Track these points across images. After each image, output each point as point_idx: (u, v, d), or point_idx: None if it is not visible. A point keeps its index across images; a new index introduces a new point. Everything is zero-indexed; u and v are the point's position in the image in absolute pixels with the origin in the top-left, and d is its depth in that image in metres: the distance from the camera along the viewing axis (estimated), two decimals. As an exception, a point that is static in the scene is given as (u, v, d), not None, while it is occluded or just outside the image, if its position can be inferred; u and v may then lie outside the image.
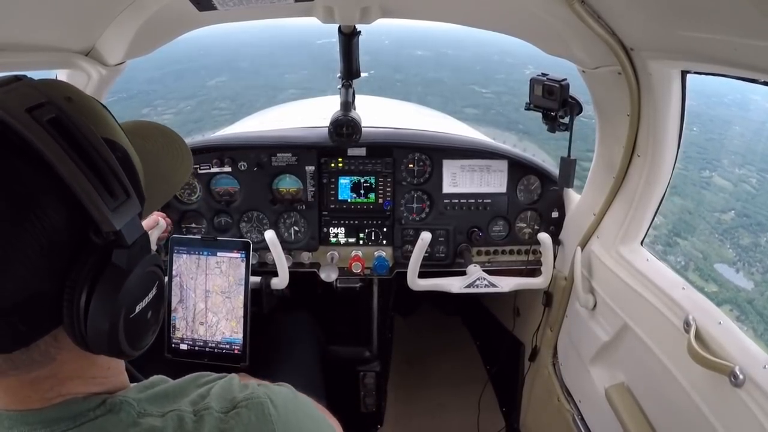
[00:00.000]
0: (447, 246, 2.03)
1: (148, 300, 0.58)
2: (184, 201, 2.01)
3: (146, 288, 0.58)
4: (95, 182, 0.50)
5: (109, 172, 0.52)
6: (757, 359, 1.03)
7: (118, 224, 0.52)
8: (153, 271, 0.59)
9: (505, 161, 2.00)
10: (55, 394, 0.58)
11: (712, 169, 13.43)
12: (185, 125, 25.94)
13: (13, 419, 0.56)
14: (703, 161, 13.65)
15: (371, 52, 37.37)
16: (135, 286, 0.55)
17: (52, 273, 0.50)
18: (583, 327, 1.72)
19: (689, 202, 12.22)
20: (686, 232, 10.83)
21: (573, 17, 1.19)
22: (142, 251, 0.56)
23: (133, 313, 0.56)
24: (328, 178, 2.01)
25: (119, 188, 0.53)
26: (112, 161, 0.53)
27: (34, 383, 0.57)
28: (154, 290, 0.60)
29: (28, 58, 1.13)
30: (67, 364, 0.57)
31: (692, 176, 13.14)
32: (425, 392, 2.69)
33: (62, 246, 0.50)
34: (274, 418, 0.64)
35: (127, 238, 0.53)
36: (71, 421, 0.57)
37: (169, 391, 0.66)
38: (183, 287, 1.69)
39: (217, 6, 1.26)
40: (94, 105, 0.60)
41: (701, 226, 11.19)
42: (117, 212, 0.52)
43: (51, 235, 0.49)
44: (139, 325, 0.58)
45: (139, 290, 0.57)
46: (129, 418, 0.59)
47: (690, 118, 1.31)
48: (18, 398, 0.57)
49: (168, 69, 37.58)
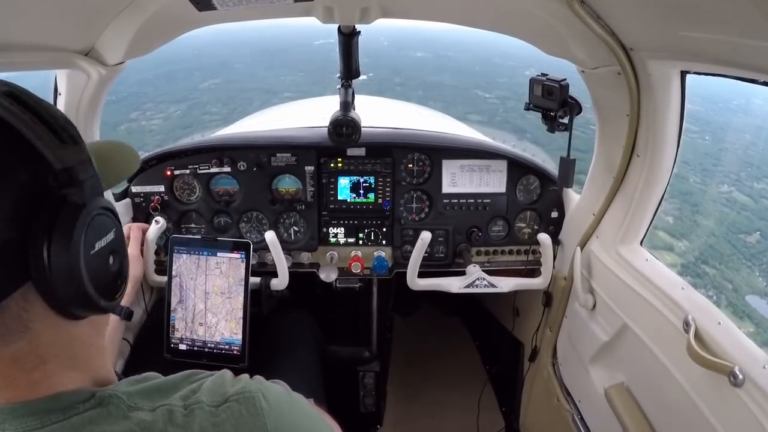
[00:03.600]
0: (446, 246, 2.03)
1: (107, 240, 0.62)
2: (183, 201, 2.01)
3: (103, 228, 0.62)
4: (45, 131, 0.56)
5: (58, 124, 0.59)
6: (757, 359, 1.03)
7: (70, 160, 0.57)
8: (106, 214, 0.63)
9: (505, 161, 2.00)
10: (41, 375, 0.58)
11: (731, 183, 13.05)
12: (173, 131, 25.55)
13: (5, 413, 0.57)
14: (720, 174, 13.30)
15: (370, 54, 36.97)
16: (90, 223, 0.59)
17: (18, 224, 0.52)
18: (582, 327, 1.72)
19: (712, 222, 11.83)
20: (713, 258, 10.34)
21: (573, 17, 1.19)
22: (94, 191, 0.61)
23: (93, 250, 0.59)
24: (328, 178, 2.00)
25: (68, 137, 0.59)
26: (61, 116, 0.60)
27: (17, 361, 0.57)
28: (112, 234, 0.63)
29: (28, 58, 1.13)
30: (42, 335, 0.58)
31: (711, 192, 12.75)
32: (425, 392, 2.68)
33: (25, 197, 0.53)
34: (266, 412, 0.64)
35: (79, 175, 0.58)
36: (61, 414, 0.57)
37: (161, 385, 0.66)
38: (183, 287, 1.69)
39: (216, 6, 1.26)
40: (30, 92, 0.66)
41: (727, 251, 10.69)
42: (66, 151, 0.58)
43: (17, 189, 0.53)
44: (101, 267, 0.61)
45: (96, 228, 0.60)
46: (119, 412, 0.59)
47: (699, 125, 1.31)
48: (4, 382, 0.57)
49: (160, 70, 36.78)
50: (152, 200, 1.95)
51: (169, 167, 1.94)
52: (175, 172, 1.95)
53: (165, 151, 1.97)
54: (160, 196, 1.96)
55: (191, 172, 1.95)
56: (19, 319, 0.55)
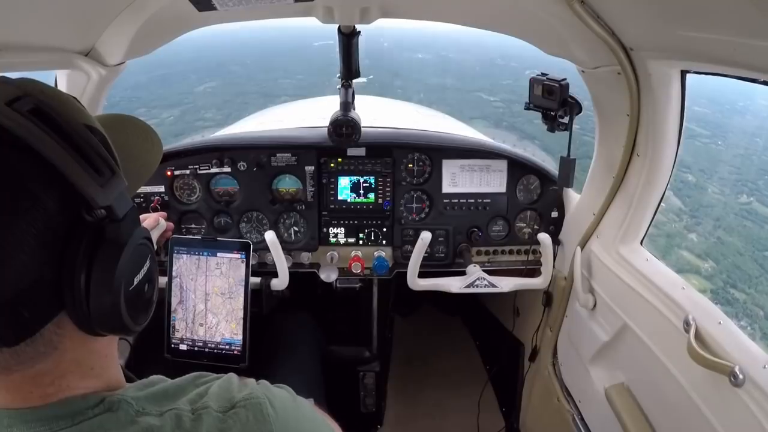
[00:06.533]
0: (447, 246, 2.03)
1: (143, 272, 0.61)
2: (183, 201, 2.01)
3: (141, 260, 0.60)
4: (81, 162, 0.52)
5: (93, 153, 0.54)
6: (757, 359, 1.03)
7: (108, 199, 0.54)
8: (144, 243, 0.61)
9: (505, 161, 2.00)
10: (55, 389, 0.58)
11: (749, 193, 12.74)
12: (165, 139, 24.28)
13: (13, 417, 0.56)
14: (738, 183, 12.97)
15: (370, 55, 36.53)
16: (131, 259, 0.57)
17: (51, 256, 0.51)
18: (582, 327, 1.72)
19: (736, 238, 11.48)
20: (742, 281, 9.99)
21: (573, 17, 1.19)
22: (134, 224, 0.58)
23: (132, 285, 0.58)
24: (328, 178, 2.00)
25: (104, 166, 0.54)
26: (95, 142, 0.55)
27: (36, 378, 0.57)
28: (148, 263, 0.62)
29: (28, 58, 1.13)
30: (68, 353, 0.58)
31: (731, 203, 12.42)
32: (425, 392, 2.69)
33: (57, 229, 0.51)
34: (272, 419, 0.64)
35: (118, 212, 0.55)
36: (69, 419, 0.57)
37: (168, 390, 0.66)
38: (183, 288, 1.69)
39: (216, 6, 1.26)
40: (66, 97, 0.62)
41: (754, 271, 10.36)
42: (105, 188, 0.54)
43: (46, 220, 0.50)
44: (138, 298, 0.60)
45: (135, 262, 0.59)
46: (127, 417, 0.59)
47: (710, 128, 1.30)
48: (19, 395, 0.57)
49: (155, 73, 36.30)
50: (152, 200, 1.95)
51: (169, 167, 1.94)
52: (175, 172, 1.95)
53: (165, 151, 1.97)
54: (160, 196, 1.97)
55: (191, 173, 1.95)
56: (50, 343, 0.55)
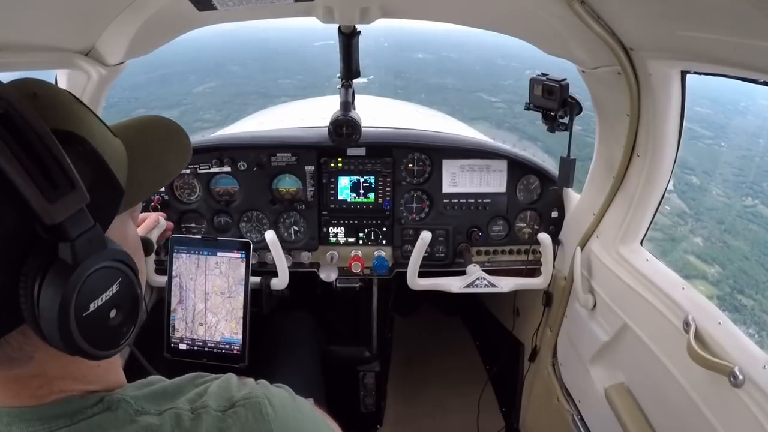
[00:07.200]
0: (447, 246, 2.03)
1: (105, 298, 0.55)
2: (183, 201, 2.01)
3: (102, 284, 0.55)
4: (35, 173, 0.48)
5: (54, 164, 0.49)
6: (757, 359, 1.03)
7: (59, 216, 0.50)
8: (113, 267, 0.56)
9: (505, 161, 2.00)
10: (47, 391, 0.58)
11: (754, 195, 12.55)
12: None
13: (12, 416, 0.57)
14: (743, 186, 12.82)
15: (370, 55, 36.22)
16: (86, 281, 0.52)
17: (8, 266, 0.49)
18: (582, 327, 1.72)
19: (742, 242, 11.33)
20: (749, 286, 9.83)
21: (573, 17, 1.19)
22: (91, 245, 0.53)
23: (87, 311, 0.53)
24: (328, 177, 2.00)
25: (63, 180, 0.50)
26: (58, 153, 0.50)
27: (19, 380, 0.56)
28: (116, 287, 0.56)
29: (28, 58, 1.13)
30: (49, 363, 0.57)
31: (736, 206, 12.27)
32: (425, 392, 2.69)
33: (13, 239, 0.49)
34: (272, 418, 0.64)
35: (71, 231, 0.51)
36: (68, 419, 0.57)
37: (167, 389, 0.66)
38: (183, 287, 1.69)
39: (216, 6, 1.26)
40: (61, 100, 0.59)
41: (761, 276, 10.22)
42: (57, 204, 0.49)
43: (3, 230, 0.48)
44: (98, 325, 0.54)
45: (92, 287, 0.53)
46: (126, 416, 0.59)
47: (713, 129, 1.29)
48: (7, 394, 0.57)
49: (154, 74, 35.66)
50: (152, 200, 1.95)
51: None
52: None
53: None
54: (160, 195, 1.97)
55: (191, 172, 1.95)
56: (21, 351, 0.54)
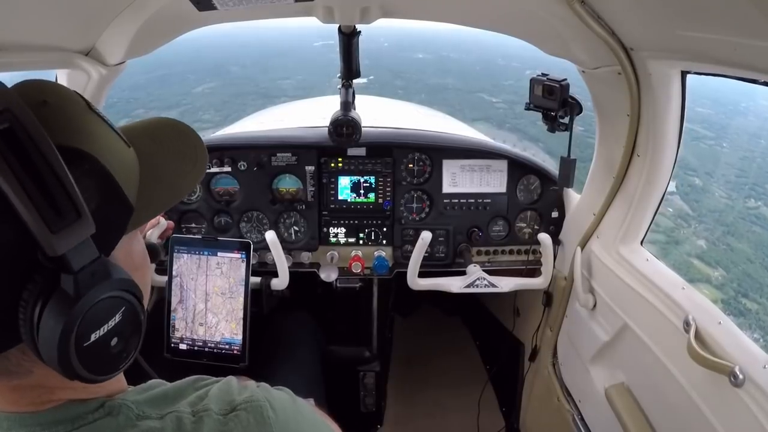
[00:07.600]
0: (447, 246, 2.03)
1: (107, 327, 0.54)
2: (183, 201, 2.01)
3: (105, 315, 0.53)
4: (38, 200, 0.45)
5: (59, 189, 0.47)
6: (757, 359, 1.03)
7: (62, 248, 0.47)
8: (116, 297, 0.54)
9: (505, 161, 2.00)
10: (47, 399, 0.58)
11: (757, 197, 12.48)
12: None
13: (12, 420, 0.56)
14: (745, 187, 12.76)
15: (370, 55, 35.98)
16: (87, 314, 0.51)
17: (8, 289, 0.48)
18: (582, 327, 1.72)
19: (746, 245, 11.27)
20: (753, 290, 9.76)
21: (573, 17, 1.19)
22: (95, 277, 0.51)
23: (88, 341, 0.51)
24: (328, 177, 2.00)
25: (68, 207, 0.47)
26: (64, 177, 0.48)
27: (18, 390, 0.57)
28: (118, 317, 0.55)
29: (28, 58, 1.13)
30: (49, 377, 0.56)
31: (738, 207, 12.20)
32: (425, 392, 2.68)
33: (14, 264, 0.48)
34: (273, 421, 0.64)
35: (74, 264, 0.49)
36: (69, 424, 0.57)
37: (167, 393, 0.66)
38: (183, 288, 1.69)
39: (217, 6, 1.26)
40: (72, 109, 0.57)
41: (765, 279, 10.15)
42: (60, 234, 0.47)
43: (5, 251, 0.47)
44: (98, 353, 0.53)
45: (94, 318, 0.52)
46: (128, 421, 0.59)
47: (714, 130, 1.29)
48: (8, 401, 0.57)
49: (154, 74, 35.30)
50: None
51: None
52: None
53: None
54: None
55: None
56: (20, 366, 0.55)
